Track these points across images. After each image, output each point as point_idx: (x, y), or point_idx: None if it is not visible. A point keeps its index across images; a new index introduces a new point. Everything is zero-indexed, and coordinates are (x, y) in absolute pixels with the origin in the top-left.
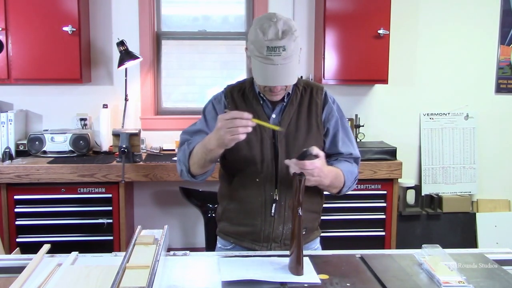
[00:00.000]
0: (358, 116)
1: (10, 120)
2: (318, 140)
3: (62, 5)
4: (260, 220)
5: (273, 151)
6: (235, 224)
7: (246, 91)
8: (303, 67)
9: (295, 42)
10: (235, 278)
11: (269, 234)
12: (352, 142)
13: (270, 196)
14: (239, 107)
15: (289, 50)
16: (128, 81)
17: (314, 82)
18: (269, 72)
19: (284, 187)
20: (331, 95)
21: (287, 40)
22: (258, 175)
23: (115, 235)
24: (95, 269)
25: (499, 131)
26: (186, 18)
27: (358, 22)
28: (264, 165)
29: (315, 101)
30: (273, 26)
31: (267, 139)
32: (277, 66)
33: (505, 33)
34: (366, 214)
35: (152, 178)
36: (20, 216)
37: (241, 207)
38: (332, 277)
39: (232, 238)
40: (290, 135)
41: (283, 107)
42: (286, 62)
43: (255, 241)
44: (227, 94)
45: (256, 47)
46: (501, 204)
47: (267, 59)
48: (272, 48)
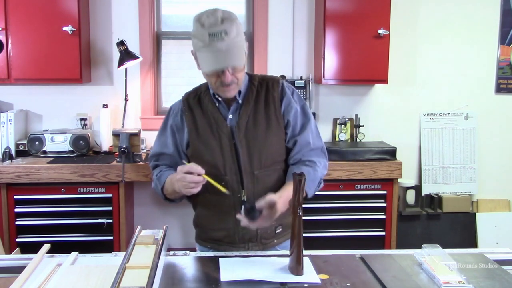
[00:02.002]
0: (358, 116)
1: (10, 120)
2: (279, 134)
3: (62, 5)
4: (232, 223)
5: (234, 152)
6: (210, 230)
7: (202, 95)
8: (303, 67)
9: (237, 28)
10: (235, 278)
11: (244, 235)
12: (313, 131)
13: (238, 198)
14: (195, 112)
15: (231, 34)
16: (128, 81)
17: (270, 76)
18: (214, 57)
19: (251, 187)
20: (289, 86)
21: (227, 25)
22: (223, 178)
23: (115, 235)
24: (95, 269)
25: (499, 131)
26: (186, 18)
27: (358, 22)
28: (227, 167)
29: (272, 95)
30: (211, 16)
31: (226, 141)
32: (222, 50)
33: (505, 33)
34: (366, 214)
35: (152, 178)
36: (20, 216)
37: (212, 213)
38: (332, 277)
39: (209, 243)
40: (249, 133)
41: (239, 106)
42: (229, 47)
43: (231, 243)
44: (184, 102)
45: (198, 39)
46: (501, 204)
47: (210, 45)
48: (213, 34)
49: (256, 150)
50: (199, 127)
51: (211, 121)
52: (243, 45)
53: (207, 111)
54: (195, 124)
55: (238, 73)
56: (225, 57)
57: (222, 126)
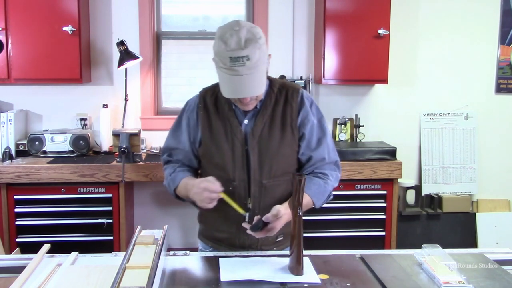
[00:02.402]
0: (358, 116)
1: (10, 120)
2: (293, 146)
3: (62, 5)
4: (235, 228)
5: (245, 159)
6: (213, 229)
7: (219, 94)
8: (303, 67)
9: (260, 50)
10: (235, 278)
11: (245, 241)
12: (329, 145)
13: (243, 205)
14: (210, 112)
15: (253, 59)
16: (128, 81)
17: (291, 83)
18: (234, 83)
19: (257, 196)
20: (309, 96)
21: (250, 49)
22: (231, 183)
23: (115, 235)
24: (95, 269)
25: (499, 131)
26: (186, 18)
27: (358, 22)
28: (236, 173)
29: (290, 104)
30: (235, 35)
31: (239, 146)
32: (242, 77)
33: (505, 33)
34: (366, 214)
35: (152, 178)
36: (20, 216)
37: (217, 214)
38: (332, 277)
39: (210, 242)
40: (262, 142)
41: (256, 113)
42: (251, 72)
43: (232, 246)
44: (201, 99)
45: (220, 59)
46: (501, 204)
47: (231, 70)
48: (235, 58)
49: (267, 160)
50: (213, 128)
51: (226, 123)
52: (264, 69)
53: (223, 112)
54: (210, 124)
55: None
56: (244, 86)
57: (236, 131)
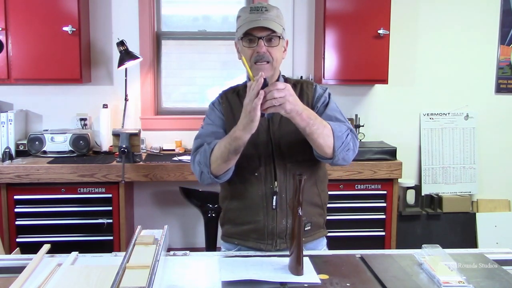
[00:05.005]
0: (358, 116)
1: (10, 120)
2: None
3: (62, 5)
4: (262, 215)
5: (270, 144)
6: (238, 224)
7: (240, 91)
8: (303, 67)
9: (278, 14)
10: (235, 278)
11: (273, 229)
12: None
13: (270, 189)
14: (232, 103)
15: (272, 12)
16: (128, 81)
17: (304, 79)
18: (251, 20)
19: (283, 179)
20: (323, 86)
21: (270, 7)
22: (257, 170)
23: (115, 235)
24: (95, 269)
25: (499, 131)
26: (186, 18)
27: (358, 22)
28: (262, 159)
29: (306, 93)
30: (257, 3)
31: (263, 132)
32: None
33: (505, 33)
34: (366, 214)
35: (152, 178)
36: (20, 216)
37: (242, 204)
38: (332, 277)
39: (236, 239)
40: (282, 127)
41: None
42: (268, 17)
43: (259, 239)
44: (222, 96)
45: (241, 20)
46: (501, 204)
47: (250, 16)
48: (255, 8)
49: (289, 144)
50: (236, 118)
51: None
52: (282, 25)
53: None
54: (233, 114)
55: (273, 50)
56: (262, 20)
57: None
